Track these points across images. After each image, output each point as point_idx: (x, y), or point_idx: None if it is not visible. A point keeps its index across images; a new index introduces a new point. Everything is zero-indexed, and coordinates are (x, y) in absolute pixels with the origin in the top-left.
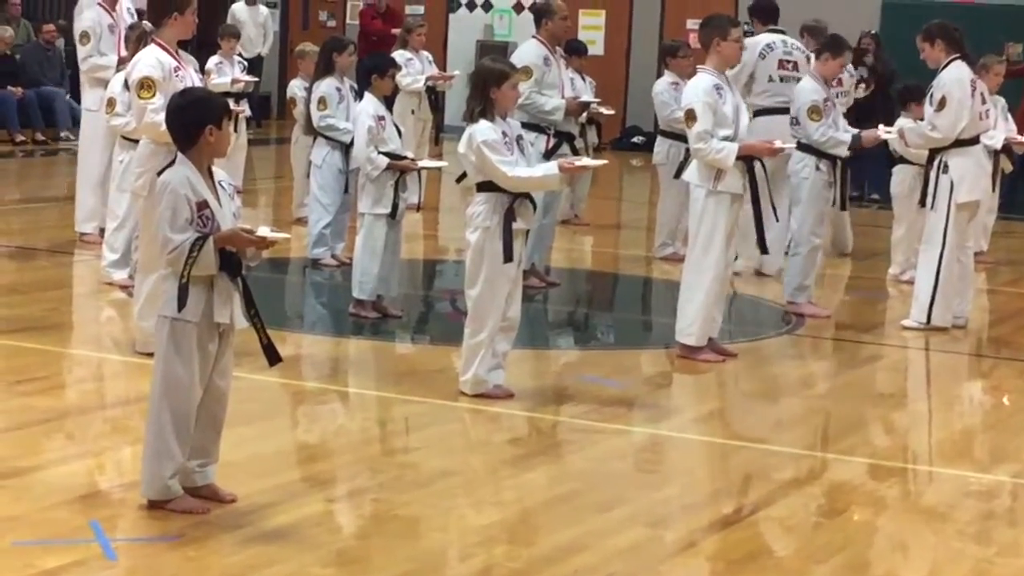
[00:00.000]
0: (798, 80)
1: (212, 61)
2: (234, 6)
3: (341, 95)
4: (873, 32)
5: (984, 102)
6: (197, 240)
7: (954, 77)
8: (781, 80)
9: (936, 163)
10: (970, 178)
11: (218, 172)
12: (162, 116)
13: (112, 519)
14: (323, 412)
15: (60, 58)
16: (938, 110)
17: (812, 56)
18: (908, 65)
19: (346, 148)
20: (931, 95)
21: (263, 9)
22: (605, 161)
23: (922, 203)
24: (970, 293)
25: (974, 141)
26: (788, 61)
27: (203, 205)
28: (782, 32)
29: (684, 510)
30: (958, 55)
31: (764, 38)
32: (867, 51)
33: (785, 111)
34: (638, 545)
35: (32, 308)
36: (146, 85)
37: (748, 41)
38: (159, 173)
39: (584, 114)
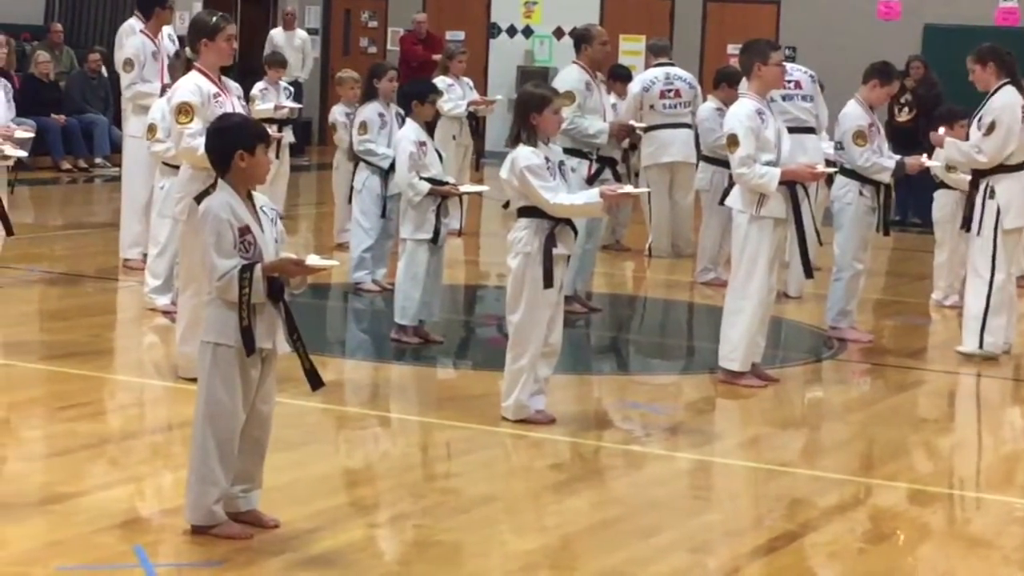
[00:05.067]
0: (684, 104)
1: (257, 87)
2: (272, 32)
3: (384, 120)
4: (921, 56)
5: None
6: (244, 271)
7: (1006, 103)
8: (664, 108)
9: (982, 188)
10: (1018, 203)
11: (259, 197)
12: (199, 141)
13: (156, 544)
14: (365, 437)
15: (105, 86)
16: (986, 134)
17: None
18: (948, 89)
19: (385, 173)
20: (980, 118)
21: (301, 34)
22: (647, 189)
23: (965, 227)
24: (1014, 318)
25: (1022, 166)
26: (670, 90)
27: (245, 230)
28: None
29: (727, 536)
30: (1009, 80)
31: (650, 72)
32: (907, 75)
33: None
34: (681, 571)
35: (76, 334)
36: (184, 110)
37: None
38: (196, 198)
39: (627, 139)
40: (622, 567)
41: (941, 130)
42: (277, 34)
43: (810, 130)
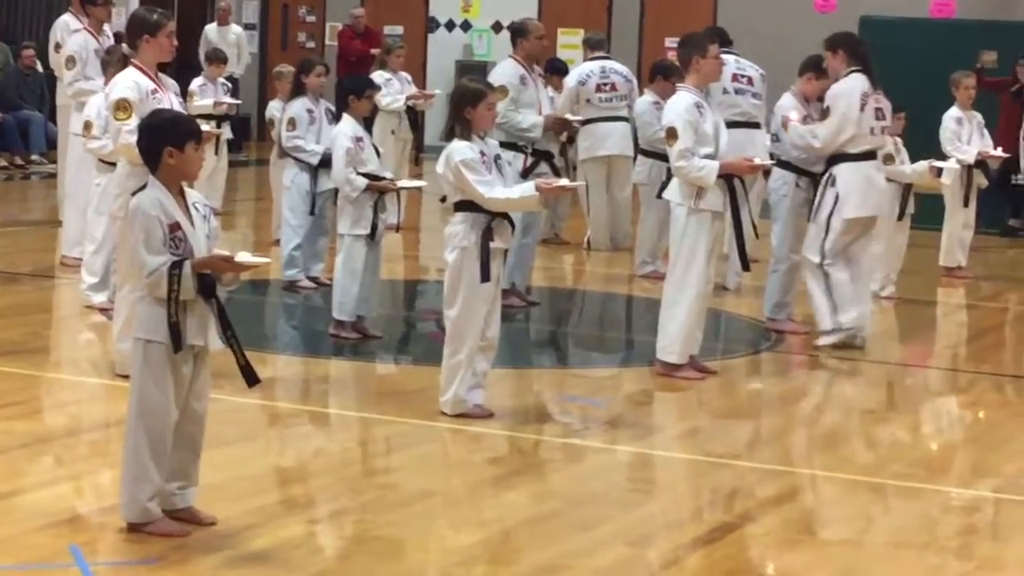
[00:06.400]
0: (621, 98)
1: (195, 83)
2: (207, 27)
3: (312, 116)
4: None
5: (882, 118)
6: (174, 267)
7: (843, 89)
8: (601, 101)
9: (826, 176)
10: (858, 194)
11: (192, 194)
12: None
13: (92, 543)
14: (303, 433)
15: (40, 82)
16: (821, 119)
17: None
18: (887, 80)
19: (314, 169)
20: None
21: (235, 29)
22: (583, 183)
23: (810, 217)
24: (867, 307)
25: (865, 156)
26: (606, 84)
27: (175, 227)
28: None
29: (666, 528)
30: (858, 68)
31: (586, 66)
32: None
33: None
34: (620, 564)
35: (12, 332)
36: (122, 106)
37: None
38: (134, 195)
39: (564, 133)
40: (561, 560)
41: (793, 114)
42: (211, 30)
43: (757, 125)
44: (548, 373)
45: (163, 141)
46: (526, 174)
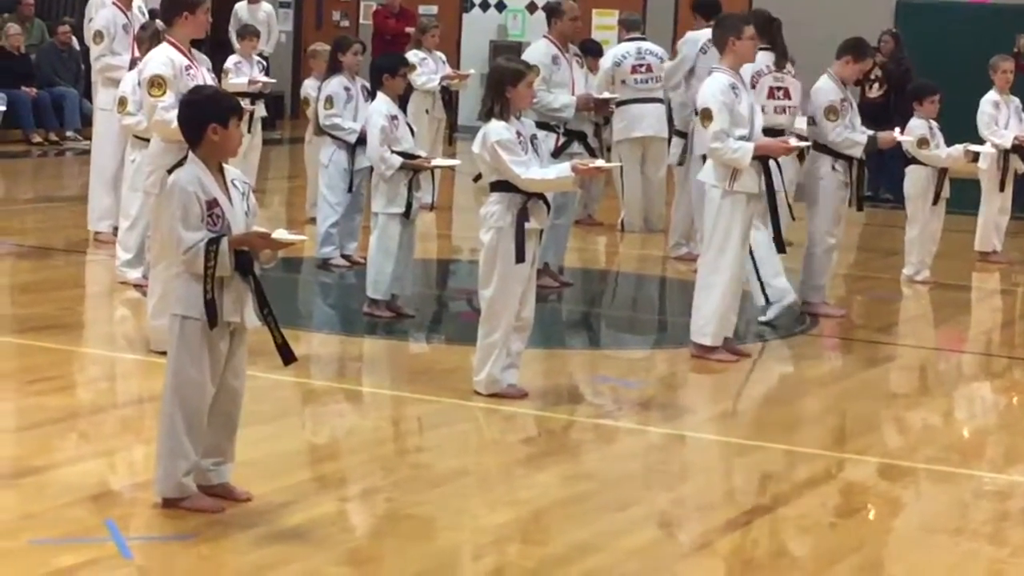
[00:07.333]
0: (656, 79)
1: (231, 60)
2: (237, 5)
3: (349, 95)
4: (893, 31)
5: (783, 97)
6: (211, 243)
7: None
8: (636, 82)
9: None
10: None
11: (231, 170)
12: (172, 114)
13: (127, 518)
14: (337, 411)
15: (76, 58)
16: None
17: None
18: (923, 64)
19: (351, 147)
20: None
21: (266, 7)
22: (619, 164)
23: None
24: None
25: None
26: (641, 65)
27: (213, 204)
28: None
29: (699, 510)
30: (766, 47)
31: (621, 47)
32: (878, 50)
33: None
34: (652, 545)
35: (46, 307)
36: (156, 83)
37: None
38: (169, 171)
39: (602, 112)
40: (593, 541)
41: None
42: (241, 8)
43: None
44: (581, 354)
45: (207, 117)
46: (557, 153)
